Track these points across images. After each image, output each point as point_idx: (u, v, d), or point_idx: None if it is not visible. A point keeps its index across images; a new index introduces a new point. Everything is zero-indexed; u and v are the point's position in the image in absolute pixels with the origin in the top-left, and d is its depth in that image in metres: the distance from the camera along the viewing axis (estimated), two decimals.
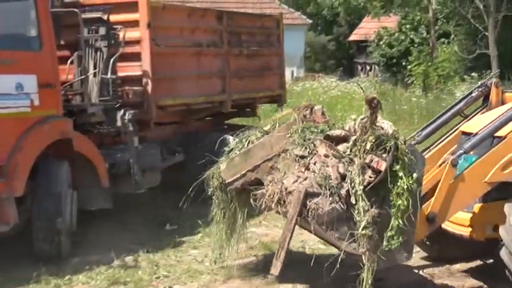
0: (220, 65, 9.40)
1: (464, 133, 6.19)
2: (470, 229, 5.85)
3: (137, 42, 8.00)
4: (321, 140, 5.12)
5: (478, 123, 6.09)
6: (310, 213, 4.85)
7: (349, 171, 4.89)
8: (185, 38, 8.76)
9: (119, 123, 7.54)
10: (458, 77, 19.80)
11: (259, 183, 5.28)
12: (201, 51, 9.04)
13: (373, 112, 4.97)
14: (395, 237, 4.85)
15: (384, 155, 4.88)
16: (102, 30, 7.67)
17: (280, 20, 11.03)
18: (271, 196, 5.05)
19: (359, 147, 4.95)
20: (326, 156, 5.03)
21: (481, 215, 5.82)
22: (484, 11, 20.95)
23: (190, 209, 6.53)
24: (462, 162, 5.54)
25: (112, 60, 7.65)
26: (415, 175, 4.93)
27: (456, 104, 6.73)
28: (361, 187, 4.83)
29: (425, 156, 5.74)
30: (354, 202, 4.84)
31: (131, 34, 7.85)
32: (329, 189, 4.86)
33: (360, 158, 4.90)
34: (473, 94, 6.69)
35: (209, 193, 5.86)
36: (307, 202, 4.86)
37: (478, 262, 6.60)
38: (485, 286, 6.10)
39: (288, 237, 4.95)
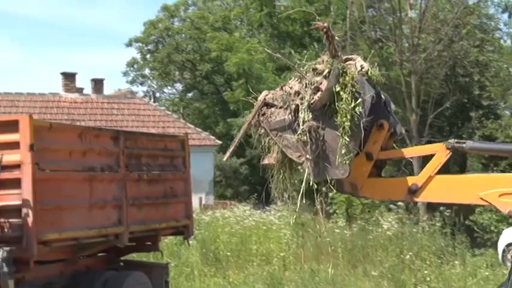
0: (116, 192, 9.23)
1: None
2: None
3: (17, 166, 7.78)
4: (303, 70, 6.59)
5: None
6: (264, 118, 6.48)
7: (305, 90, 6.38)
8: (75, 162, 8.58)
9: None
10: (384, 207, 19.97)
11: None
12: (93, 177, 8.85)
13: (329, 42, 6.34)
14: (346, 154, 6.24)
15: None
16: None
17: (185, 141, 11.07)
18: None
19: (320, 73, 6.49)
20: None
21: None
22: None
23: None
24: None
25: None
26: (359, 100, 6.25)
27: None
28: (306, 103, 6.30)
29: None
30: (300, 115, 6.33)
31: (10, 157, 7.65)
32: (285, 103, 6.44)
33: (316, 82, 6.42)
34: None
35: None
36: (264, 110, 6.50)
37: None
38: None
39: (241, 134, 6.66)
